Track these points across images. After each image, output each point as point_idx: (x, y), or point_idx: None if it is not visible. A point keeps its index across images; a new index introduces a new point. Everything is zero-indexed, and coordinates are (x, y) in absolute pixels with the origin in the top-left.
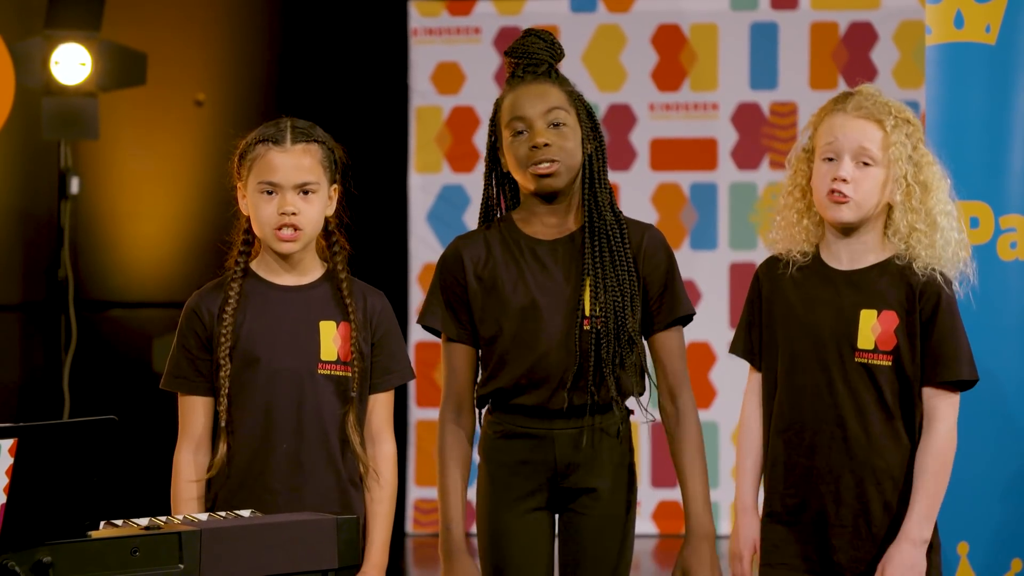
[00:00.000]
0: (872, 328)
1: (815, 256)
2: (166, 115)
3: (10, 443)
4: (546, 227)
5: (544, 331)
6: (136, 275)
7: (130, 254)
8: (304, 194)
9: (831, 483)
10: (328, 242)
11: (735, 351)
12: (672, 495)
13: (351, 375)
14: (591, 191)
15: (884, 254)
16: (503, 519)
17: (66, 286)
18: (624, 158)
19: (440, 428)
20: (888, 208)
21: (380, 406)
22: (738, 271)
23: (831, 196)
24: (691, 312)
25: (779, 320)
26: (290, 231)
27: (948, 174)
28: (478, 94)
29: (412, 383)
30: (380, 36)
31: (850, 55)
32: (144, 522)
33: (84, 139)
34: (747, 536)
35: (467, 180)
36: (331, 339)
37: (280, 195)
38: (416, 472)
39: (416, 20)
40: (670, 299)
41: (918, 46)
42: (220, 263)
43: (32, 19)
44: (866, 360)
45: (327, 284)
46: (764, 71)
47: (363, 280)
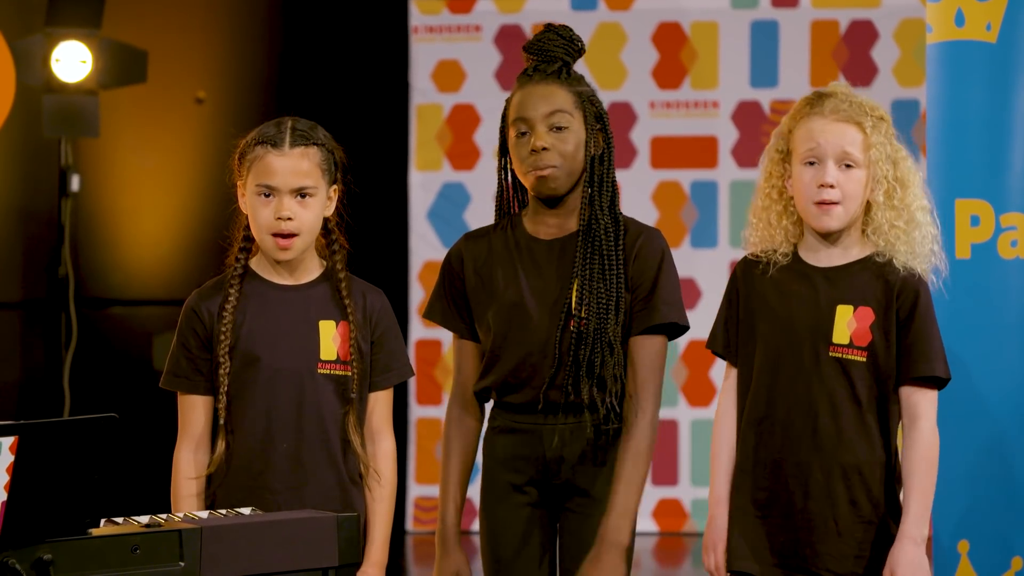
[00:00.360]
0: (848, 323)
1: (794, 254)
2: (167, 113)
3: (11, 441)
4: (548, 227)
5: (530, 330)
6: (137, 273)
7: (131, 252)
8: (301, 198)
9: (800, 477)
10: (327, 241)
11: (712, 347)
12: (672, 493)
13: (351, 374)
14: (591, 193)
15: (863, 251)
16: (496, 512)
17: (67, 284)
18: (624, 156)
19: (446, 422)
20: (867, 206)
21: (380, 404)
22: None
23: (820, 206)
24: (669, 321)
25: (756, 315)
26: (286, 238)
27: (920, 167)
28: (479, 92)
29: (412, 381)
30: (380, 34)
31: (850, 53)
32: (144, 520)
33: (85, 137)
34: (720, 527)
35: (468, 178)
36: (331, 338)
37: (277, 199)
38: (416, 470)
39: (416, 18)
40: (651, 304)
41: (919, 44)
42: (220, 260)
43: (33, 17)
44: (840, 355)
45: (326, 283)
46: (765, 69)
47: (364, 278)
